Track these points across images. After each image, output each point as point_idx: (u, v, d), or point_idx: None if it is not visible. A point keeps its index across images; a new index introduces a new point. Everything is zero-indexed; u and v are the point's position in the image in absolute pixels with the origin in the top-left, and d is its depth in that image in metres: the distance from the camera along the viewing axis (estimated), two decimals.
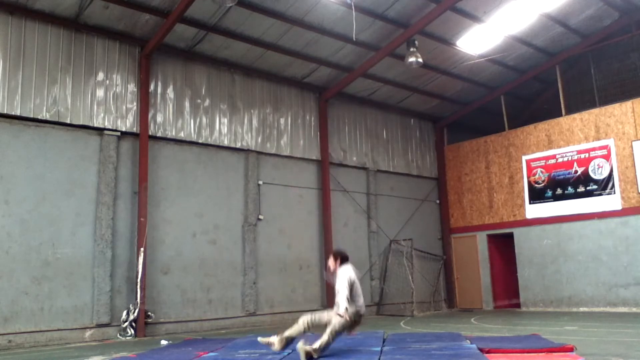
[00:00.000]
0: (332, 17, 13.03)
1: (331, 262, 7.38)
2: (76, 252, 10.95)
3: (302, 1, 12.35)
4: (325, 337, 6.84)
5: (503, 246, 17.54)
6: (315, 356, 6.73)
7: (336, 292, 7.07)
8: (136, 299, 11.36)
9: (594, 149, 15.53)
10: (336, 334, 6.90)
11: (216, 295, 12.87)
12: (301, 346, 6.72)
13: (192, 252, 12.59)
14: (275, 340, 7.07)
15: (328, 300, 14.96)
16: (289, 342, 7.10)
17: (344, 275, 7.06)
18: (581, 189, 15.65)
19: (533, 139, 16.92)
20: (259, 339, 7.37)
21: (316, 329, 7.10)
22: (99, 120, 11.61)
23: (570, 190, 15.89)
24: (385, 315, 15.87)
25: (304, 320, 7.11)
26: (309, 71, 14.89)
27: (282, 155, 14.71)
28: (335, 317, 6.91)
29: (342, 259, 7.35)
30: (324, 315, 7.10)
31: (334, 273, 7.23)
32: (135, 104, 12.18)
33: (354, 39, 13.05)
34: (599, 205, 15.23)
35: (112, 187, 11.55)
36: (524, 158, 17.04)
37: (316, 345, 6.78)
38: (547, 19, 14.69)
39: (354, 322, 7.03)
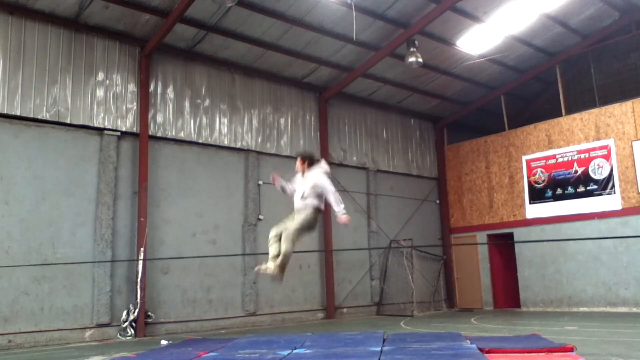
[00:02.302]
0: (332, 17, 13.03)
1: (299, 164, 7.02)
2: (76, 252, 10.94)
3: (302, 1, 12.35)
4: (284, 246, 6.56)
5: (503, 246, 17.53)
6: (279, 272, 6.59)
7: (315, 193, 6.73)
8: (136, 299, 11.36)
9: (594, 149, 15.53)
10: (297, 237, 6.63)
11: (216, 295, 12.87)
12: (264, 267, 6.60)
13: (192, 252, 12.58)
14: (270, 265, 6.74)
15: (328, 298, 14.97)
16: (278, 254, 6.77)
17: (324, 175, 6.77)
18: (581, 189, 15.64)
19: (533, 139, 16.92)
20: (257, 268, 7.03)
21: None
22: (99, 120, 11.61)
23: (570, 190, 15.89)
24: (385, 315, 15.87)
25: (271, 235, 6.83)
26: (309, 71, 14.89)
27: (282, 155, 14.70)
28: (296, 218, 6.67)
29: (311, 160, 7.02)
30: (289, 223, 6.78)
31: (303, 175, 6.92)
32: (135, 104, 12.18)
33: (354, 39, 13.05)
34: (599, 205, 15.23)
35: (112, 187, 11.55)
36: (524, 158, 17.04)
37: (277, 262, 6.59)
38: (547, 19, 14.69)
39: (313, 221, 6.76)
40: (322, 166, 6.97)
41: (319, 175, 6.79)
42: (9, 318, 10.02)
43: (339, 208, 6.63)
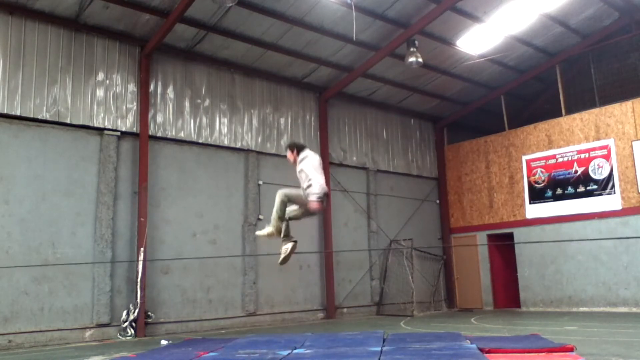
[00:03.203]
0: (332, 17, 13.04)
1: (289, 155, 7.00)
2: (76, 252, 10.95)
3: (302, 1, 12.35)
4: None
5: (503, 246, 17.53)
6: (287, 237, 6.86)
7: (303, 178, 6.74)
8: (136, 299, 11.36)
9: (594, 149, 15.53)
10: (285, 200, 6.75)
11: (216, 295, 12.87)
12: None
13: (192, 252, 12.58)
14: (269, 230, 6.85)
15: (328, 298, 14.97)
16: (282, 219, 6.80)
17: (309, 160, 6.80)
18: (581, 189, 15.64)
19: (533, 139, 16.92)
20: (257, 233, 7.46)
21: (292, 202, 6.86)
22: (99, 120, 11.61)
23: (570, 190, 15.89)
24: (385, 315, 15.87)
25: (279, 193, 6.79)
26: (309, 71, 14.89)
27: (282, 155, 14.59)
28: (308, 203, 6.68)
29: (299, 148, 7.01)
30: (300, 193, 6.73)
31: (295, 164, 6.93)
32: (135, 104, 12.18)
33: (354, 39, 13.05)
34: (599, 205, 15.23)
35: (112, 187, 11.55)
36: (524, 158, 17.04)
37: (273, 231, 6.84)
38: (547, 19, 14.69)
39: (319, 203, 6.71)
40: (306, 152, 6.91)
41: (301, 163, 6.80)
42: (9, 318, 10.02)
43: (310, 191, 6.58)
